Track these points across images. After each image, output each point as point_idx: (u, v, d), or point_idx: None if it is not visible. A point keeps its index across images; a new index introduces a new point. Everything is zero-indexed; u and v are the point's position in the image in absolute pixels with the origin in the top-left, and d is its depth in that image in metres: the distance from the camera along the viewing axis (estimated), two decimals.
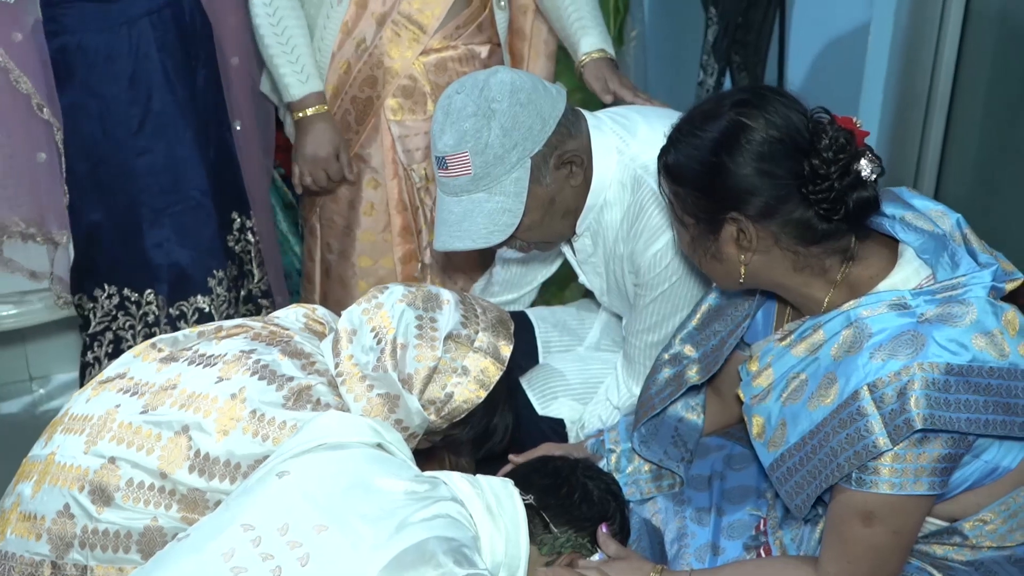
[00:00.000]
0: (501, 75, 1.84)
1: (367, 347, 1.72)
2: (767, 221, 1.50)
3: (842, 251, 1.54)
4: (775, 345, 1.64)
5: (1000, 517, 1.53)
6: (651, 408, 1.83)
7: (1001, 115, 2.48)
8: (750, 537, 1.75)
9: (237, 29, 2.62)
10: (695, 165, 1.53)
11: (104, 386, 1.72)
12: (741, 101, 1.52)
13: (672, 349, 1.85)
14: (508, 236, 1.87)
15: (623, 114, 2.00)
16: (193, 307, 2.51)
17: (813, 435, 1.50)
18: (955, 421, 1.39)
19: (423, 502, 1.47)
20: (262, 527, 1.41)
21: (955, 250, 1.51)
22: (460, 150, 1.81)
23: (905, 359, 1.40)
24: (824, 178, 1.45)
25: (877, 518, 1.47)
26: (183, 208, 2.46)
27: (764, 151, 1.47)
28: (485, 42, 2.38)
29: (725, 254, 1.56)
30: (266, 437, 1.61)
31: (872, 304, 1.49)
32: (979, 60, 2.51)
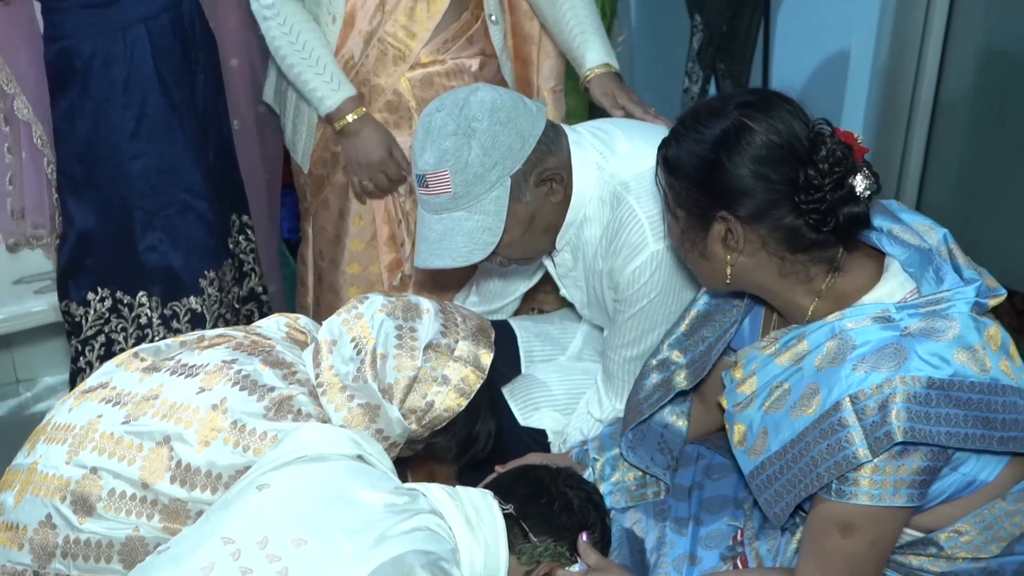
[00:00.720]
0: (481, 93, 1.84)
1: (347, 357, 1.73)
2: (756, 224, 1.51)
3: (828, 261, 1.55)
4: (759, 353, 1.65)
5: (975, 528, 1.54)
6: (639, 413, 1.84)
7: (982, 125, 2.50)
8: (727, 547, 1.76)
9: (237, 30, 2.65)
10: (693, 159, 1.53)
11: (86, 396, 1.73)
12: (747, 103, 1.53)
13: (660, 355, 1.85)
14: (488, 254, 1.87)
15: (604, 129, 2.01)
16: (185, 308, 2.52)
17: (794, 444, 1.51)
18: (935, 435, 1.40)
19: (402, 515, 1.48)
20: (241, 540, 1.42)
21: (940, 265, 1.52)
22: (440, 168, 1.81)
23: (888, 372, 1.42)
24: (817, 189, 1.46)
25: (855, 528, 1.48)
26: (175, 211, 2.47)
27: (762, 154, 1.48)
28: (476, 55, 2.36)
29: (712, 252, 1.57)
30: (247, 448, 1.62)
31: (857, 316, 1.50)
32: (960, 71, 2.53)
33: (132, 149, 2.40)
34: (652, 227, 1.87)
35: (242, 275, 2.71)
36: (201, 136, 2.51)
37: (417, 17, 2.26)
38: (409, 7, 2.24)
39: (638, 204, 1.88)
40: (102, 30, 2.34)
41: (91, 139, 2.39)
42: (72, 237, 2.46)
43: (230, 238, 2.63)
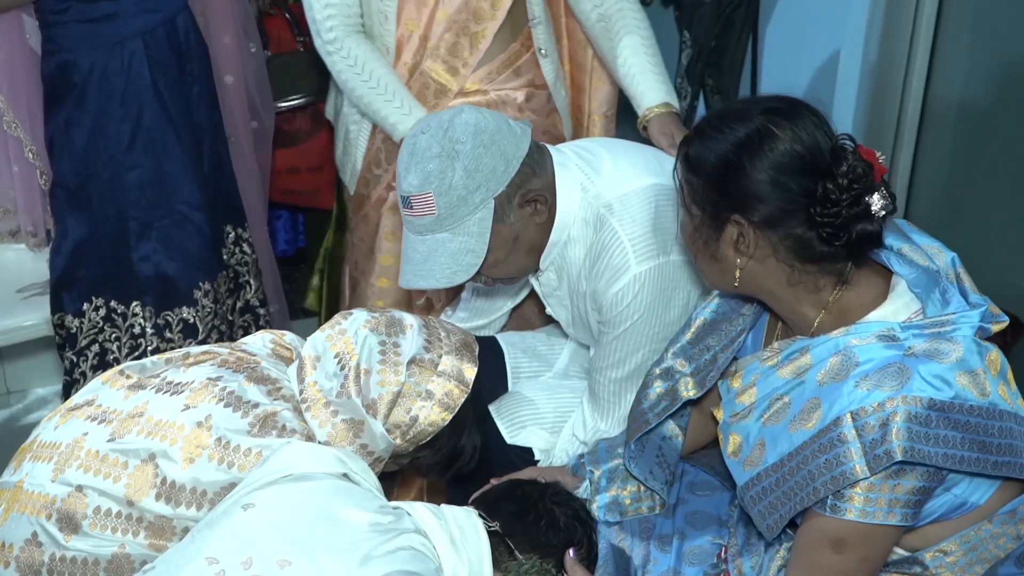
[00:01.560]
0: (465, 115, 1.85)
1: (331, 373, 1.74)
2: (769, 231, 1.52)
3: (837, 274, 1.56)
4: (760, 364, 1.65)
5: (961, 549, 1.54)
6: (645, 423, 1.83)
7: (969, 140, 2.51)
8: (710, 565, 1.76)
9: (231, 48, 2.67)
10: (714, 159, 1.54)
11: (72, 413, 1.74)
12: (774, 109, 1.54)
13: (664, 363, 1.85)
14: (471, 275, 1.88)
15: (589, 149, 2.01)
16: (178, 318, 2.53)
17: (791, 457, 1.52)
18: (932, 456, 1.41)
19: (387, 534, 1.49)
20: (226, 560, 1.43)
21: (947, 288, 1.53)
22: (424, 190, 1.82)
23: (890, 391, 1.42)
24: (834, 203, 1.47)
25: (847, 545, 1.49)
26: (171, 222, 2.49)
27: (783, 163, 1.49)
28: (523, 86, 2.35)
29: (723, 254, 1.58)
30: (231, 464, 1.63)
31: (861, 334, 1.51)
32: (948, 86, 2.53)
33: (128, 161, 2.42)
34: (635, 249, 1.87)
35: (237, 287, 2.72)
36: (196, 148, 2.52)
37: (459, 53, 2.26)
38: (451, 43, 2.25)
39: (621, 226, 1.88)
40: (100, 44, 2.35)
41: (87, 151, 2.41)
42: (67, 247, 2.47)
43: (224, 249, 2.64)
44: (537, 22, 2.25)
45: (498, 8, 2.21)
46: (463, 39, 2.24)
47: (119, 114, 2.39)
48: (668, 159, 2.06)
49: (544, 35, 2.30)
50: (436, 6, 2.22)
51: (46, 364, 3.14)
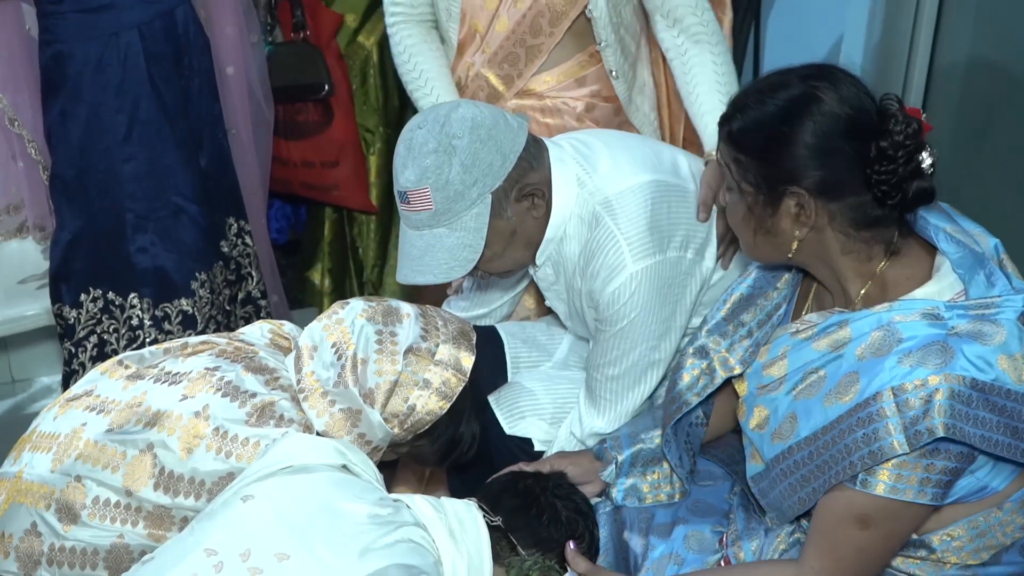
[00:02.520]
0: (463, 110, 1.84)
1: (328, 363, 1.74)
2: (827, 199, 1.51)
3: (886, 242, 1.55)
4: (791, 337, 1.65)
5: (968, 534, 1.54)
6: (685, 404, 1.81)
7: (973, 128, 2.50)
8: (711, 551, 1.76)
9: (233, 39, 2.67)
10: (762, 132, 1.53)
11: (71, 404, 1.75)
12: (812, 75, 1.53)
13: (697, 341, 1.83)
14: (468, 270, 1.87)
15: (587, 143, 2.00)
16: (177, 309, 2.53)
17: (826, 431, 1.51)
18: (971, 435, 1.41)
19: (386, 527, 1.49)
20: (224, 552, 1.43)
21: (993, 270, 1.52)
22: (421, 186, 1.81)
23: (933, 368, 1.42)
24: (891, 160, 1.46)
25: (873, 521, 1.49)
26: (167, 213, 2.48)
27: (834, 127, 1.48)
28: (586, 96, 2.28)
29: (780, 228, 1.56)
30: (229, 454, 1.63)
31: (905, 310, 1.50)
32: (951, 75, 2.53)
33: (124, 152, 2.41)
34: (631, 248, 1.87)
35: (240, 278, 2.72)
36: (192, 141, 2.51)
37: (515, 63, 2.23)
38: (508, 52, 2.22)
39: (616, 225, 1.88)
40: (96, 35, 2.35)
41: (84, 142, 2.40)
42: (64, 239, 2.47)
43: (225, 241, 2.65)
44: (606, 45, 2.20)
45: (556, 26, 2.18)
46: (520, 50, 2.21)
47: (115, 106, 2.38)
48: (666, 153, 2.06)
49: (614, 58, 2.23)
50: (497, 12, 2.20)
51: (51, 353, 3.15)
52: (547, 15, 2.15)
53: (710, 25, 2.12)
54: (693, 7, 2.11)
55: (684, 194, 1.97)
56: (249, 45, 2.74)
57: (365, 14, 3.04)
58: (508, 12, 2.18)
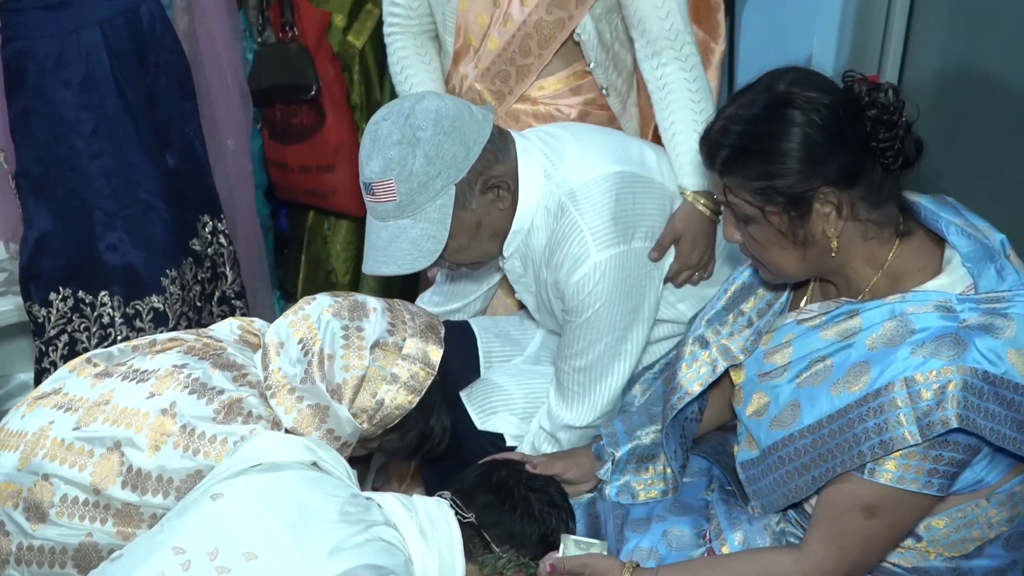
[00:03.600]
0: (427, 102, 1.85)
1: (294, 359, 1.74)
2: (849, 186, 1.51)
3: (895, 223, 1.56)
4: (798, 325, 1.65)
5: (955, 524, 1.56)
6: (687, 394, 1.81)
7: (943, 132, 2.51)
8: (695, 546, 1.76)
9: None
10: (769, 157, 1.51)
11: (39, 402, 1.75)
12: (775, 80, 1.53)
13: (697, 332, 1.83)
14: (432, 261, 1.88)
15: (554, 135, 2.01)
16: (148, 307, 2.52)
17: (832, 419, 1.52)
18: (983, 427, 1.42)
19: (356, 526, 1.49)
20: (192, 551, 1.43)
21: (1004, 264, 1.53)
22: (386, 177, 1.82)
23: (946, 360, 1.43)
24: (890, 125, 1.48)
25: (879, 511, 1.50)
26: (135, 211, 2.47)
27: (829, 116, 1.48)
28: (580, 104, 2.27)
29: (815, 235, 1.55)
30: (197, 451, 1.63)
31: (919, 302, 1.51)
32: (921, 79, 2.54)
33: (91, 150, 2.40)
34: (594, 237, 1.87)
35: (215, 276, 2.71)
36: (159, 139, 2.50)
37: (507, 80, 2.23)
38: (500, 69, 2.22)
39: (581, 215, 1.89)
40: (56, 31, 2.33)
41: (49, 140, 2.39)
42: (33, 238, 2.45)
43: (198, 239, 2.64)
44: (595, 65, 2.19)
45: (545, 48, 2.17)
46: (510, 68, 2.21)
47: (79, 103, 2.37)
48: (633, 145, 2.07)
49: (605, 76, 2.23)
50: (488, 31, 2.20)
51: (27, 350, 3.13)
52: (535, 37, 2.16)
53: (689, 60, 2.10)
54: (672, 40, 2.09)
55: (650, 186, 1.97)
56: (232, 44, 2.72)
57: (351, 14, 3.03)
58: (499, 31, 2.19)
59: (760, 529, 1.70)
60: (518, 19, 2.14)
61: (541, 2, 2.11)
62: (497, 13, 2.16)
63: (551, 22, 2.13)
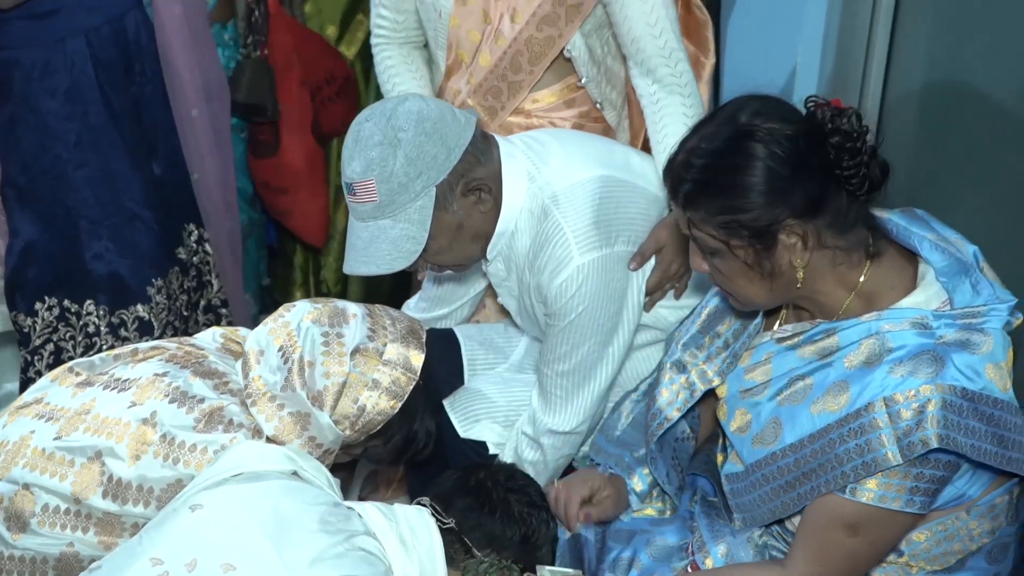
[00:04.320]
0: (409, 104, 1.86)
1: (275, 366, 1.74)
2: (814, 217, 1.50)
3: (864, 245, 1.55)
4: (775, 344, 1.65)
5: (936, 538, 1.55)
6: (666, 420, 1.81)
7: (929, 134, 2.51)
8: (677, 559, 1.76)
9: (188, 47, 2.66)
10: (732, 191, 1.50)
11: (20, 412, 1.74)
12: (735, 111, 1.52)
13: (674, 356, 1.83)
14: (411, 262, 1.88)
15: (539, 140, 2.01)
16: (133, 316, 2.52)
17: (814, 439, 1.52)
18: (963, 445, 1.42)
19: (336, 536, 1.49)
20: (170, 562, 1.43)
21: (979, 279, 1.53)
22: (367, 177, 1.83)
23: (925, 378, 1.43)
24: (853, 152, 1.47)
25: (862, 528, 1.50)
26: (120, 219, 2.48)
27: (790, 147, 1.47)
28: (575, 117, 2.26)
29: (782, 266, 1.54)
30: (177, 461, 1.63)
31: (895, 319, 1.51)
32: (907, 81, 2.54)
33: (76, 159, 2.41)
34: (577, 241, 1.87)
35: (200, 285, 2.71)
36: (145, 147, 2.51)
37: (498, 96, 2.23)
38: (492, 86, 2.22)
39: (564, 218, 1.89)
40: (42, 41, 2.34)
41: (34, 149, 2.39)
42: (18, 247, 2.46)
43: (183, 247, 2.64)
44: (587, 81, 2.20)
45: (536, 65, 2.17)
46: (502, 84, 2.22)
47: (64, 112, 2.37)
48: (619, 150, 2.08)
49: (598, 91, 2.23)
50: (480, 47, 2.20)
51: (15, 360, 3.12)
52: (526, 54, 2.16)
53: (683, 76, 2.10)
54: (667, 58, 2.09)
55: (634, 191, 1.98)
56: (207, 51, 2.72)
57: (343, 24, 3.05)
58: (490, 48, 2.19)
59: (743, 542, 1.70)
60: (509, 36, 2.14)
61: (531, 20, 2.11)
62: (488, 30, 2.16)
63: (541, 40, 2.13)
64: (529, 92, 2.22)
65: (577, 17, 2.11)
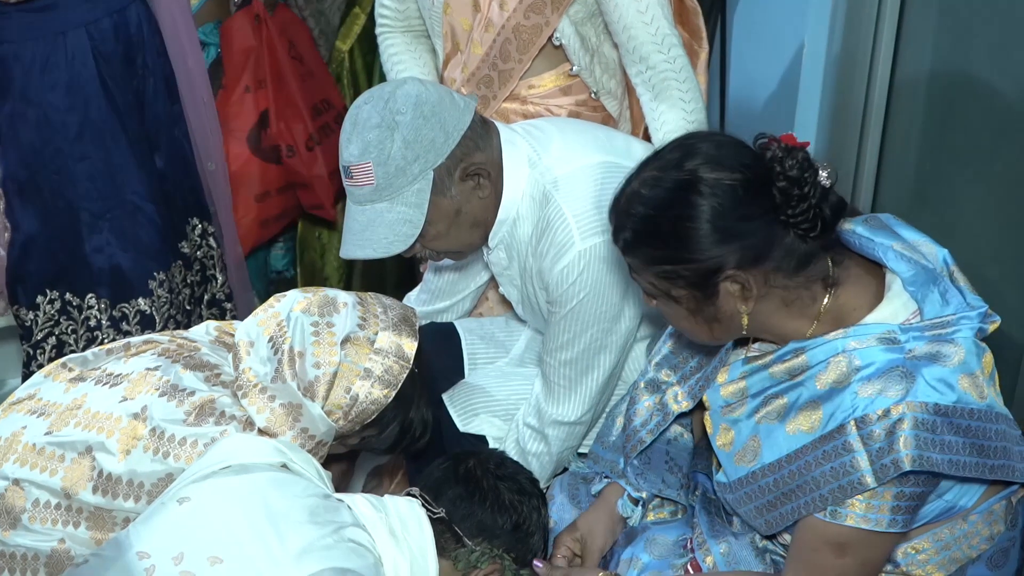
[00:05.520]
0: (408, 87, 1.84)
1: (265, 358, 1.72)
2: (760, 264, 1.46)
3: (823, 279, 1.51)
4: (747, 363, 1.62)
5: (933, 547, 1.53)
6: (640, 442, 1.80)
7: (937, 126, 2.49)
8: (676, 555, 1.75)
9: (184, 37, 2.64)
10: (670, 241, 1.47)
11: (13, 408, 1.74)
12: (681, 158, 1.48)
13: (648, 375, 1.82)
14: (408, 246, 1.87)
15: (539, 127, 2.00)
16: (135, 309, 2.52)
17: (791, 460, 1.50)
18: (939, 463, 1.39)
19: (325, 528, 1.48)
20: (157, 555, 1.42)
21: (947, 287, 1.49)
22: (364, 160, 1.81)
23: (895, 396, 1.40)
24: (800, 198, 1.42)
25: (849, 549, 1.48)
26: (122, 213, 2.47)
27: (731, 197, 1.44)
28: (572, 104, 2.24)
29: (725, 312, 1.51)
30: (167, 455, 1.62)
31: (861, 336, 1.47)
32: (915, 69, 2.52)
33: (76, 152, 2.40)
34: (579, 225, 1.86)
35: (204, 279, 2.70)
36: (147, 141, 2.50)
37: (490, 85, 2.21)
38: (484, 75, 2.20)
39: (565, 203, 1.87)
40: (42, 34, 2.33)
41: (35, 143, 2.39)
42: (19, 241, 2.45)
43: (187, 241, 2.63)
44: (580, 69, 2.18)
45: (525, 53, 2.16)
46: (493, 73, 2.20)
47: (64, 105, 2.36)
48: (620, 138, 2.06)
49: (592, 79, 2.20)
50: (471, 36, 2.19)
51: (16, 356, 3.11)
52: (514, 42, 2.15)
53: (677, 61, 2.08)
54: (659, 44, 2.06)
55: None
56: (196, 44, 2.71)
57: (340, 18, 3.04)
58: (480, 37, 2.18)
59: (746, 544, 1.68)
60: (498, 24, 2.13)
61: (519, 7, 2.10)
62: (479, 17, 2.15)
63: (529, 27, 2.12)
64: (520, 80, 2.20)
65: (562, 4, 2.09)
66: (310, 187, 2.90)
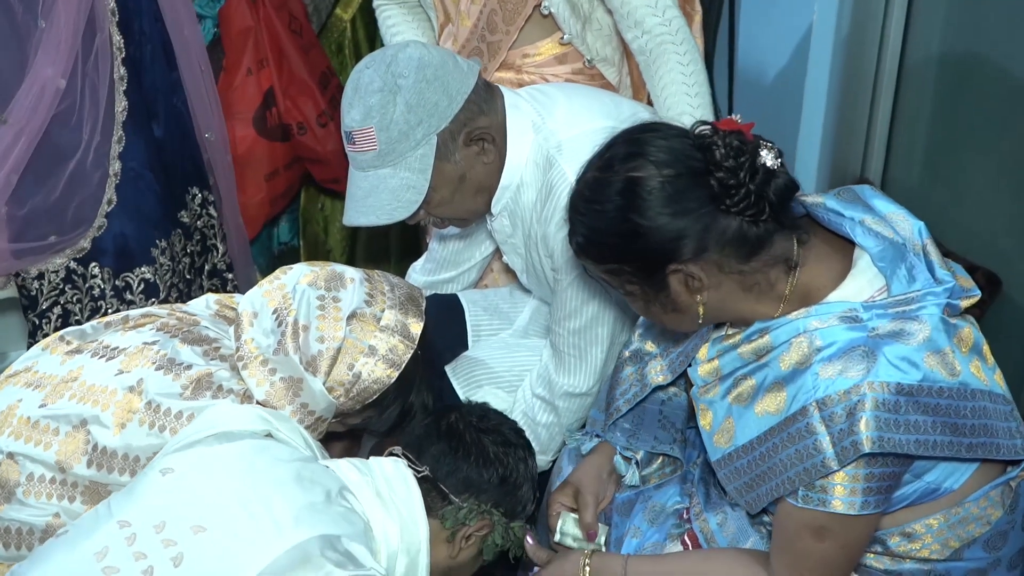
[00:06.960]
0: (410, 50, 1.81)
1: (268, 329, 1.69)
2: (706, 255, 1.46)
3: (784, 260, 1.49)
4: (722, 341, 1.60)
5: (928, 533, 1.51)
6: (616, 411, 1.80)
7: (947, 103, 2.47)
8: (673, 525, 1.74)
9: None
10: (612, 239, 1.49)
11: (9, 380, 1.71)
12: (625, 155, 1.48)
13: (632, 345, 1.82)
14: (412, 212, 1.84)
15: (545, 92, 1.97)
16: (139, 278, 2.50)
17: (761, 442, 1.49)
18: (903, 443, 1.36)
19: (311, 491, 1.45)
20: (138, 524, 1.40)
21: (914, 263, 1.46)
22: (366, 125, 1.79)
23: (856, 377, 1.37)
24: (738, 186, 1.41)
25: (828, 533, 1.46)
26: (123, 180, 2.44)
27: (669, 193, 1.43)
28: (567, 73, 2.22)
29: (682, 303, 1.52)
30: (163, 428, 1.59)
31: (822, 315, 1.45)
32: (925, 45, 2.49)
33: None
34: None
35: (205, 249, 2.69)
36: (143, 108, 2.47)
37: (481, 58, 2.20)
38: (474, 47, 2.19)
39: (569, 167, 1.84)
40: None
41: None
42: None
43: (186, 210, 2.61)
44: (571, 38, 2.16)
45: (511, 24, 2.14)
46: (482, 45, 2.19)
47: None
48: (626, 104, 2.03)
49: (585, 47, 2.19)
50: (460, 7, 2.18)
51: (20, 328, 3.12)
52: (500, 13, 2.13)
53: (673, 23, 2.05)
54: (653, 7, 2.04)
55: None
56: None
57: None
58: (467, 9, 2.16)
59: (741, 515, 1.67)
60: None
61: None
62: None
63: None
64: (512, 49, 2.17)
65: None
66: (327, 163, 2.88)
